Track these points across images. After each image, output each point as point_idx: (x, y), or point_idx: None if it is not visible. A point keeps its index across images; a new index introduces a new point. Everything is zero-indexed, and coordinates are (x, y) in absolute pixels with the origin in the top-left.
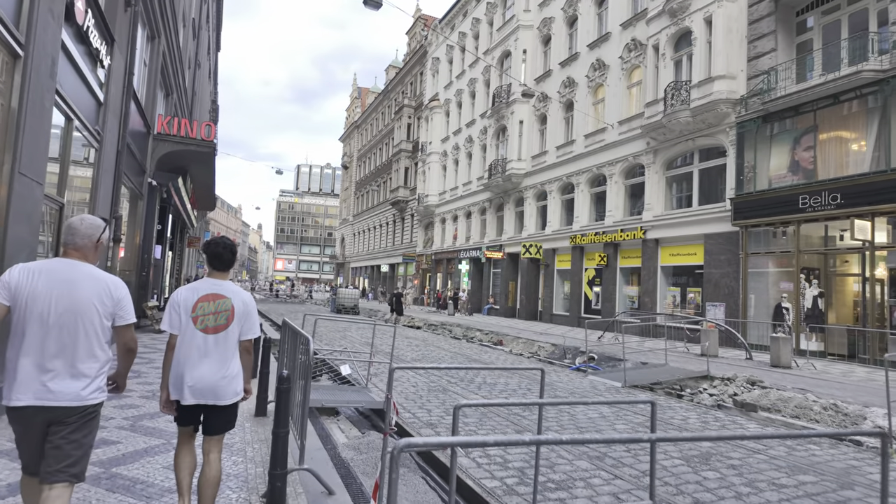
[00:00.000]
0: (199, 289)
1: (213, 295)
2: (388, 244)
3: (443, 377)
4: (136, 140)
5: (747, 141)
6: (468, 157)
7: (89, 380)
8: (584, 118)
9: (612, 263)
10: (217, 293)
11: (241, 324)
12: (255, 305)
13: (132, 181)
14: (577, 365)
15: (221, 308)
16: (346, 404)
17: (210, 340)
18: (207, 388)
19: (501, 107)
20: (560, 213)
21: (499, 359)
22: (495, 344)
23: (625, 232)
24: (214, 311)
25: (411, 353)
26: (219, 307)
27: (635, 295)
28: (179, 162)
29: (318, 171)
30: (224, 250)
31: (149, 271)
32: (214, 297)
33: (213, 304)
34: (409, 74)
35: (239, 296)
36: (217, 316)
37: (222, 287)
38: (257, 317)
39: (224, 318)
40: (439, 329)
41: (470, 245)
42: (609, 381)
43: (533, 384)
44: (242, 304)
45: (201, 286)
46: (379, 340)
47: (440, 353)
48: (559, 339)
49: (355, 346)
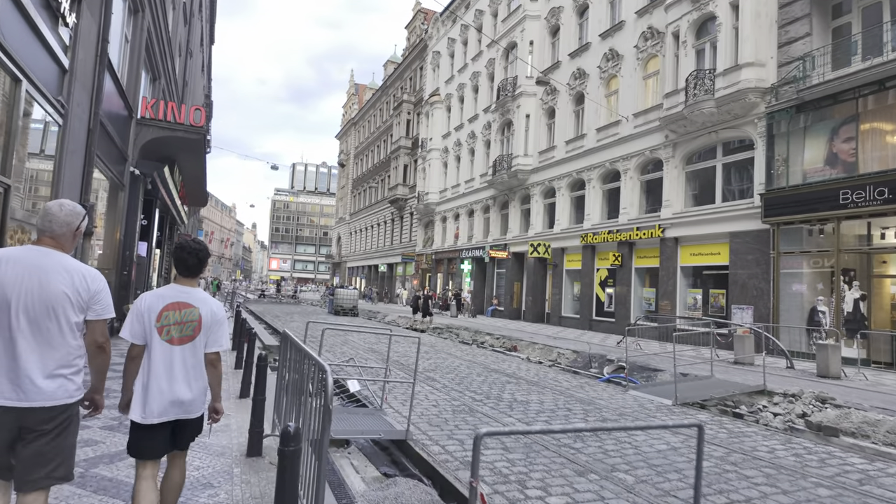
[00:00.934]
0: (165, 296)
1: (179, 304)
2: (387, 243)
3: (465, 393)
4: (115, 124)
5: (778, 132)
6: (471, 153)
7: (64, 378)
8: (595, 111)
9: (626, 263)
10: (184, 301)
11: (207, 335)
12: (224, 315)
13: (111, 169)
14: (606, 376)
15: (188, 318)
16: (363, 435)
17: (176, 353)
18: (175, 404)
19: (507, 100)
20: (569, 211)
21: (521, 369)
22: (509, 350)
23: (641, 230)
24: (180, 321)
25: (422, 362)
26: (185, 317)
27: (652, 297)
28: (166, 150)
29: (313, 170)
30: (189, 255)
31: (130, 270)
32: (180, 306)
33: (179, 314)
34: (408, 69)
35: (207, 305)
36: (183, 326)
37: (190, 295)
38: (227, 328)
39: (191, 328)
40: (445, 333)
41: (472, 244)
42: (656, 398)
43: (572, 402)
44: (211, 314)
45: (167, 293)
46: (383, 346)
47: (454, 361)
48: (576, 344)
49: (359, 353)
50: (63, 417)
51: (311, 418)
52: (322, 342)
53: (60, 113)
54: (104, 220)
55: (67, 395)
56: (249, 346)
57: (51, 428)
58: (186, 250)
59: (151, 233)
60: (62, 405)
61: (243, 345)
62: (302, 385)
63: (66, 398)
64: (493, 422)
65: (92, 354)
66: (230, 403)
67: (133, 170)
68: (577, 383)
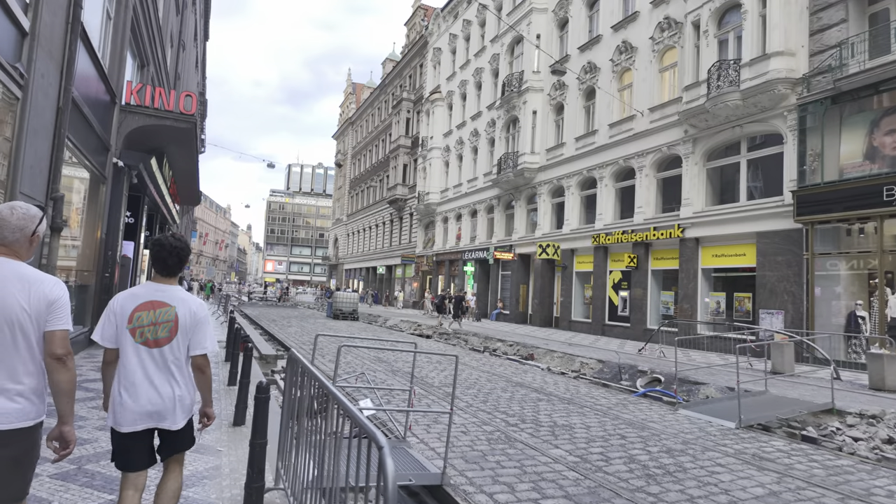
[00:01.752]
0: (138, 295)
1: (153, 303)
2: (385, 245)
3: (495, 415)
4: (96, 109)
5: (811, 125)
6: (473, 151)
7: (25, 399)
8: (608, 106)
9: (642, 265)
10: (158, 300)
11: (187, 336)
12: (207, 315)
13: (91, 160)
14: (642, 390)
15: (162, 318)
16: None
17: (151, 356)
18: (152, 411)
19: (512, 96)
20: (579, 211)
21: (547, 382)
22: (525, 359)
23: (658, 230)
24: (153, 322)
25: (437, 376)
26: (159, 317)
27: (670, 300)
28: (154, 141)
29: (309, 171)
30: (169, 254)
31: (113, 272)
32: (155, 305)
33: (153, 314)
34: (407, 67)
35: (186, 304)
36: (157, 327)
37: (166, 293)
38: (210, 329)
39: (166, 329)
40: (453, 339)
41: (476, 245)
42: (715, 420)
43: (621, 426)
44: (190, 314)
45: (141, 292)
46: (390, 355)
47: (471, 373)
48: (595, 352)
49: (365, 362)
50: (21, 445)
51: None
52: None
53: (18, 84)
54: (84, 216)
55: (26, 417)
56: (246, 361)
57: (11, 451)
58: (166, 248)
59: (139, 232)
60: (18, 429)
61: (238, 357)
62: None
63: (24, 421)
64: (539, 455)
65: (51, 370)
66: (222, 434)
67: (116, 161)
68: (616, 400)
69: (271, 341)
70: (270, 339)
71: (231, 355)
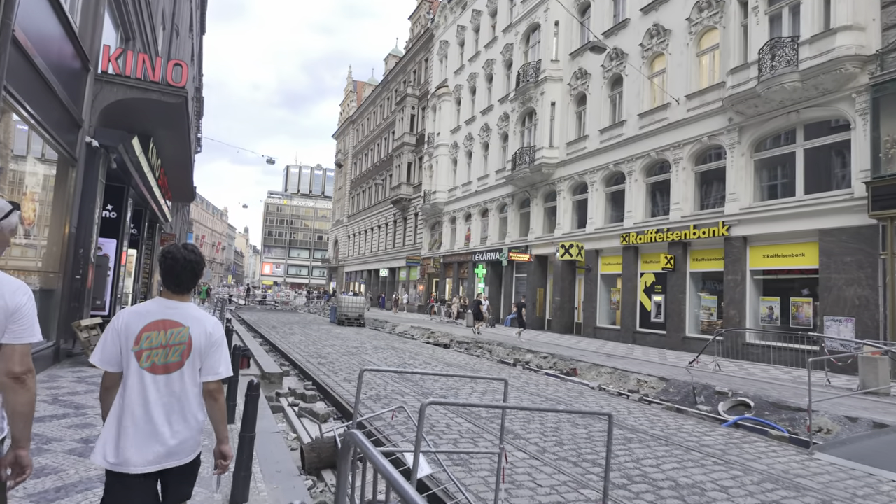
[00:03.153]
0: (148, 313)
1: (164, 322)
2: (389, 246)
3: (588, 468)
4: (63, 76)
5: (886, 108)
6: (484, 147)
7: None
8: (637, 95)
9: (679, 267)
10: (170, 319)
11: (201, 360)
12: (222, 335)
13: (55, 136)
14: (732, 419)
15: (175, 340)
16: None
17: (161, 383)
18: (159, 448)
19: (528, 87)
20: (604, 208)
21: (617, 409)
22: (567, 374)
23: (698, 228)
24: (164, 344)
25: (476, 397)
26: (171, 338)
27: (713, 305)
28: (138, 119)
29: (307, 172)
30: (183, 269)
31: (86, 274)
32: (166, 325)
33: (164, 335)
34: (412, 62)
35: (201, 324)
36: (168, 350)
37: (178, 311)
38: (226, 351)
39: (178, 353)
40: (473, 348)
41: (487, 246)
42: (880, 472)
43: (767, 486)
44: (205, 335)
45: (151, 309)
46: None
47: (519, 395)
48: (638, 365)
49: (388, 383)
50: None
51: None
52: (422, 421)
53: None
54: (48, 205)
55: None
56: (251, 404)
57: None
58: (179, 262)
59: (122, 228)
60: None
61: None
62: None
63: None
64: None
65: (7, 389)
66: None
67: (90, 140)
68: (718, 436)
69: (273, 352)
70: (272, 349)
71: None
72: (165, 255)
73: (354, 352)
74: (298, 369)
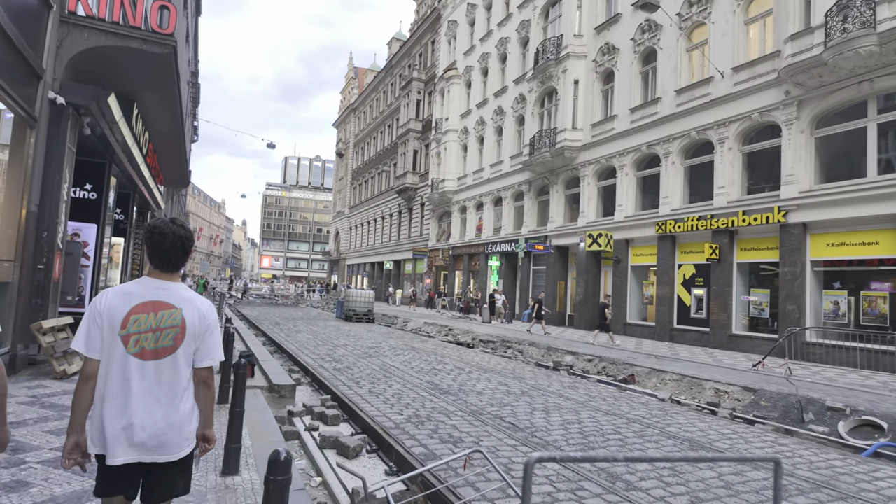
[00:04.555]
0: (135, 294)
1: (154, 304)
2: (393, 238)
3: None
4: (14, 12)
5: None
6: (497, 132)
7: None
8: (673, 69)
9: (725, 257)
10: (161, 301)
11: (195, 345)
12: (216, 319)
13: (4, 88)
14: (870, 447)
15: (166, 322)
16: None
17: (149, 369)
18: (146, 439)
19: (549, 65)
20: (635, 194)
21: (736, 438)
22: (625, 382)
23: (748, 214)
24: (155, 328)
25: (524, 414)
26: (162, 321)
27: (765, 300)
28: (115, 75)
29: (306, 163)
30: (172, 246)
31: (51, 263)
32: (156, 307)
33: (154, 318)
34: (417, 45)
35: (193, 305)
36: (159, 334)
37: (169, 292)
38: (219, 335)
39: (170, 336)
40: (499, 347)
41: (501, 237)
42: None
43: None
44: (199, 318)
45: (137, 290)
46: (449, 384)
47: (590, 416)
48: (697, 369)
49: (422, 396)
50: None
51: None
52: (528, 489)
53: None
54: (2, 178)
55: None
56: None
57: None
58: (168, 237)
59: (104, 211)
60: None
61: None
62: None
63: None
64: None
65: None
66: None
67: (54, 97)
68: (888, 483)
69: (278, 354)
70: (277, 349)
71: (227, 384)
72: (152, 230)
73: (371, 353)
74: (311, 377)
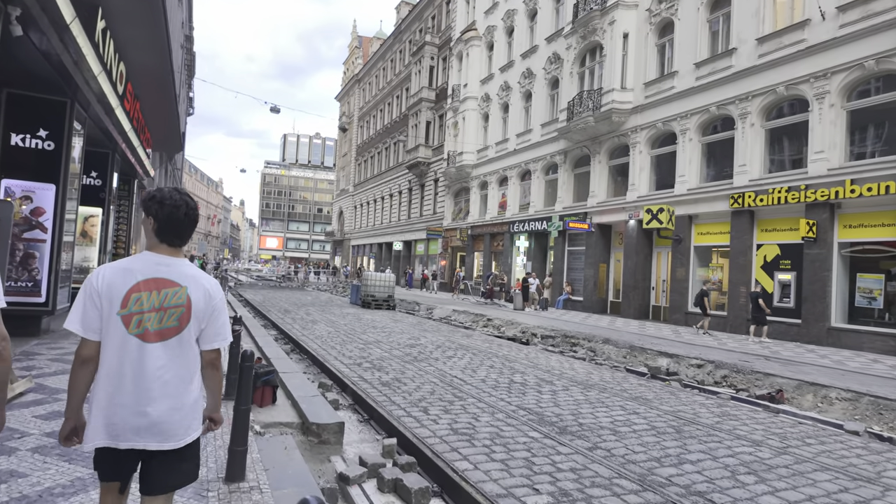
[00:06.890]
0: (134, 270)
1: (157, 281)
2: (403, 217)
3: None
4: None
5: None
6: (525, 97)
7: None
8: (754, 14)
9: (823, 236)
10: (165, 278)
11: (201, 325)
12: (223, 297)
13: None
14: None
15: (171, 301)
16: None
17: (153, 351)
18: (148, 425)
19: (592, 18)
20: (700, 163)
21: None
22: (772, 401)
23: (859, 184)
24: (159, 307)
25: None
26: (166, 300)
27: (877, 287)
28: None
29: (306, 141)
30: (185, 218)
31: None
32: (160, 285)
33: (158, 296)
34: (430, 6)
35: (199, 283)
36: (163, 314)
37: (173, 269)
38: (227, 315)
39: (175, 316)
40: (560, 343)
41: (529, 215)
42: None
43: None
44: (205, 297)
45: (137, 266)
46: (518, 396)
47: (793, 477)
48: (845, 379)
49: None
50: None
51: None
52: None
53: None
54: None
55: None
56: None
57: None
58: (182, 210)
59: (65, 169)
60: None
61: None
62: None
63: None
64: None
65: None
66: None
67: None
68: None
69: (296, 352)
70: (294, 347)
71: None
72: (162, 202)
73: (416, 355)
74: (351, 394)
